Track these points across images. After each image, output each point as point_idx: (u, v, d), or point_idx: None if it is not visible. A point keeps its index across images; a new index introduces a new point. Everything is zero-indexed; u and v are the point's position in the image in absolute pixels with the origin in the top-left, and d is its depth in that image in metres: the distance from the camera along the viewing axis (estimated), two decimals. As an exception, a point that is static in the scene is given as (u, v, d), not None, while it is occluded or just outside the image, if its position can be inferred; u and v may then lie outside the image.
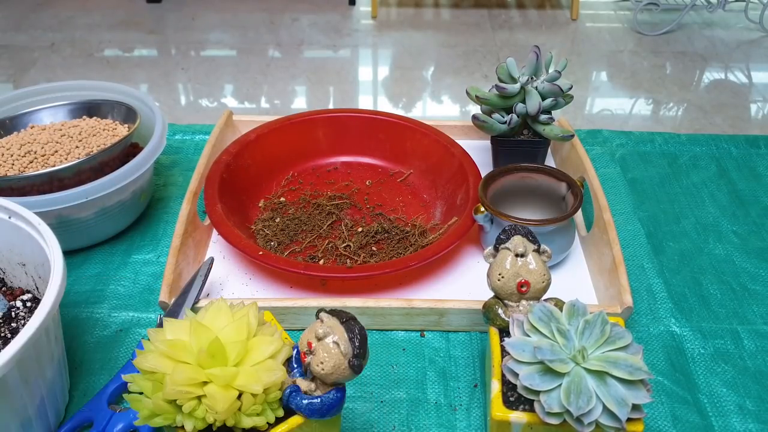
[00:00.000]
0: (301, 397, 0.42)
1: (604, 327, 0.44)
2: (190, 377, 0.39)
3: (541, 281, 0.49)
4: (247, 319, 0.42)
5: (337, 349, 0.41)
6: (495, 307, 0.50)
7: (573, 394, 0.42)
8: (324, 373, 0.41)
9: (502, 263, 0.50)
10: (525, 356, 0.44)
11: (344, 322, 0.42)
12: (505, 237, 0.51)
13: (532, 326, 0.46)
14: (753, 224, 0.74)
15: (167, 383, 0.39)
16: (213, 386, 0.39)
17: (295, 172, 0.78)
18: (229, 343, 0.41)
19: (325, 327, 0.41)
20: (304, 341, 0.42)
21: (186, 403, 0.39)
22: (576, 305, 0.46)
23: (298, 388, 0.42)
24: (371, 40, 1.81)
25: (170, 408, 0.40)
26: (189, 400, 0.39)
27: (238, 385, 0.40)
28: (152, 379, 0.40)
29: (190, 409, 0.39)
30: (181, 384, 0.39)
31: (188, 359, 0.40)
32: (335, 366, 0.41)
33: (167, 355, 0.40)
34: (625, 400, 0.42)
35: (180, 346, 0.40)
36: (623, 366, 0.42)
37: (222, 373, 0.39)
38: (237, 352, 0.41)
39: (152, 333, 0.41)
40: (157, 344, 0.40)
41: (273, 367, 0.41)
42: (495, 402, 0.45)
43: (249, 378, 0.40)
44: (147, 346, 0.41)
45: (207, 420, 0.39)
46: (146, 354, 0.40)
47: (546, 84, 0.71)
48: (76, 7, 1.95)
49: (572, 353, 0.43)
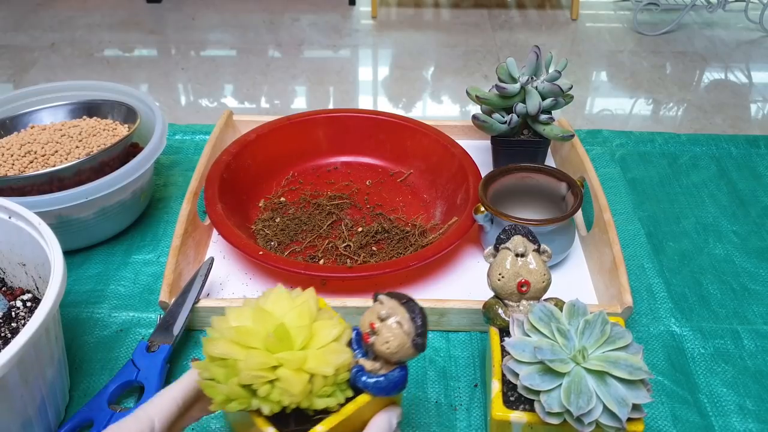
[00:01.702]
0: (367, 376, 0.43)
1: (604, 327, 0.44)
2: (262, 362, 0.40)
3: (541, 281, 0.49)
4: (309, 304, 0.43)
5: (401, 329, 0.42)
6: (495, 306, 0.50)
7: (573, 393, 0.42)
8: (389, 353, 0.42)
9: (502, 263, 0.50)
10: (525, 356, 0.44)
11: (404, 303, 0.43)
12: (505, 237, 0.51)
13: (532, 326, 0.46)
14: (753, 224, 0.74)
15: (241, 369, 0.39)
16: (285, 370, 0.40)
17: (295, 172, 0.78)
18: (293, 328, 0.42)
19: (386, 308, 0.43)
20: (365, 323, 0.43)
21: (261, 388, 0.40)
22: (576, 305, 0.46)
23: (363, 368, 0.44)
24: (371, 40, 1.81)
25: (245, 393, 0.40)
26: (263, 385, 0.40)
27: (309, 368, 0.41)
28: (224, 365, 0.41)
29: (265, 393, 0.40)
30: (255, 369, 0.39)
31: (256, 345, 0.41)
32: (400, 345, 0.42)
33: (236, 341, 0.41)
34: (626, 400, 0.42)
35: (247, 332, 0.41)
36: (623, 366, 0.42)
37: (292, 357, 0.41)
38: (303, 337, 0.42)
39: (216, 320, 0.42)
40: (224, 331, 0.41)
41: (339, 350, 0.42)
42: (495, 402, 0.45)
43: (319, 361, 0.41)
44: (212, 333, 0.42)
45: (282, 403, 0.40)
46: (215, 341, 0.41)
47: (546, 84, 0.71)
48: (76, 7, 1.95)
49: (572, 353, 0.43)
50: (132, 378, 0.53)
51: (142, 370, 0.53)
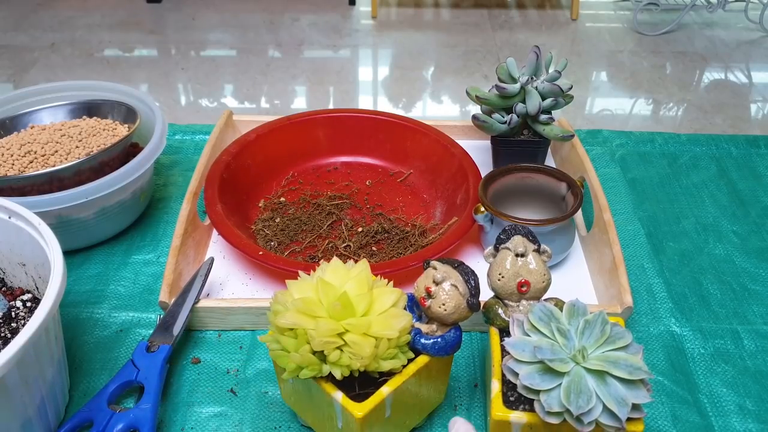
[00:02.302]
0: (425, 338, 0.46)
1: (604, 327, 0.44)
2: (331, 329, 0.42)
3: (541, 281, 0.49)
4: (365, 273, 0.46)
5: (456, 291, 0.45)
6: (495, 307, 0.50)
7: (573, 393, 0.42)
8: (446, 314, 0.45)
9: (502, 263, 0.50)
10: (525, 356, 0.44)
11: (457, 267, 0.46)
12: (505, 237, 0.51)
13: (532, 326, 0.46)
14: (753, 224, 0.74)
15: (312, 336, 0.42)
16: (352, 335, 0.43)
17: (295, 172, 0.78)
18: (354, 296, 0.44)
19: (441, 272, 0.45)
20: (421, 287, 0.46)
21: (331, 353, 0.42)
22: (576, 305, 0.46)
23: (420, 330, 0.46)
24: (371, 40, 1.81)
25: (316, 360, 0.43)
26: (333, 350, 0.42)
27: (374, 332, 0.43)
28: (294, 335, 0.43)
29: (335, 359, 0.43)
30: (326, 335, 0.42)
31: (321, 314, 0.43)
32: (456, 306, 0.45)
33: (303, 311, 0.43)
34: (625, 400, 0.42)
35: (311, 302, 0.44)
36: (623, 366, 0.42)
37: (358, 322, 0.43)
38: (364, 304, 0.44)
39: (279, 294, 0.45)
40: (289, 304, 0.44)
41: (400, 314, 0.45)
42: (495, 402, 0.45)
43: (382, 325, 0.44)
44: (275, 307, 0.45)
45: (351, 366, 0.43)
46: (282, 313, 0.44)
47: (546, 84, 0.71)
48: (76, 7, 1.95)
49: (572, 353, 0.43)
50: (132, 378, 0.53)
51: (141, 370, 0.53)
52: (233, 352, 0.59)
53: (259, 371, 0.57)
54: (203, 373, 0.57)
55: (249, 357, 0.58)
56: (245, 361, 0.58)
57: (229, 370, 0.57)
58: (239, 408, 0.54)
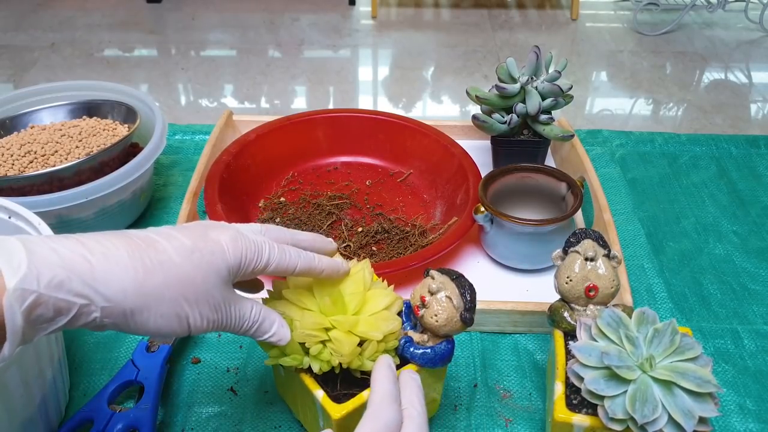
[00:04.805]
0: (415, 347, 0.45)
1: (673, 337, 0.44)
2: (316, 322, 0.43)
3: (609, 287, 0.49)
4: (363, 273, 0.46)
5: (450, 303, 0.44)
6: (561, 310, 0.50)
7: (638, 401, 0.41)
8: (437, 325, 0.44)
9: (571, 266, 0.49)
10: (591, 360, 0.43)
11: (454, 279, 0.45)
12: (575, 240, 0.50)
13: (600, 331, 0.45)
14: (753, 224, 0.74)
15: (296, 327, 0.43)
16: (337, 332, 0.43)
17: (295, 172, 0.78)
18: (347, 294, 0.44)
19: (437, 282, 0.44)
20: (416, 296, 0.45)
21: (313, 346, 0.43)
22: (646, 313, 0.46)
23: (411, 339, 0.45)
24: (371, 40, 1.81)
25: (299, 349, 0.43)
26: (315, 344, 0.43)
27: (360, 331, 0.43)
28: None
29: (316, 352, 0.43)
30: (309, 328, 0.43)
31: (312, 307, 0.44)
32: (448, 318, 0.44)
33: (293, 302, 0.44)
34: (692, 412, 0.41)
35: (301, 294, 0.44)
36: (692, 377, 0.42)
37: (344, 320, 0.43)
38: (356, 303, 0.44)
39: (276, 284, 0.46)
40: (282, 293, 0.45)
41: (389, 317, 0.45)
42: (558, 404, 0.45)
43: (369, 326, 0.44)
44: (272, 296, 0.46)
45: (332, 362, 0.43)
46: (274, 302, 0.45)
47: (546, 84, 0.71)
48: (76, 7, 1.95)
49: (640, 361, 0.43)
50: (132, 378, 0.53)
51: (141, 370, 0.53)
52: (233, 351, 0.59)
53: (259, 371, 0.57)
54: (203, 372, 0.57)
55: (249, 356, 0.58)
56: (245, 361, 0.58)
57: (229, 369, 0.57)
58: (239, 407, 0.54)
